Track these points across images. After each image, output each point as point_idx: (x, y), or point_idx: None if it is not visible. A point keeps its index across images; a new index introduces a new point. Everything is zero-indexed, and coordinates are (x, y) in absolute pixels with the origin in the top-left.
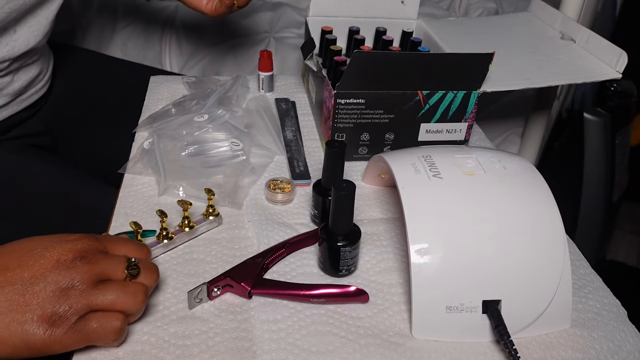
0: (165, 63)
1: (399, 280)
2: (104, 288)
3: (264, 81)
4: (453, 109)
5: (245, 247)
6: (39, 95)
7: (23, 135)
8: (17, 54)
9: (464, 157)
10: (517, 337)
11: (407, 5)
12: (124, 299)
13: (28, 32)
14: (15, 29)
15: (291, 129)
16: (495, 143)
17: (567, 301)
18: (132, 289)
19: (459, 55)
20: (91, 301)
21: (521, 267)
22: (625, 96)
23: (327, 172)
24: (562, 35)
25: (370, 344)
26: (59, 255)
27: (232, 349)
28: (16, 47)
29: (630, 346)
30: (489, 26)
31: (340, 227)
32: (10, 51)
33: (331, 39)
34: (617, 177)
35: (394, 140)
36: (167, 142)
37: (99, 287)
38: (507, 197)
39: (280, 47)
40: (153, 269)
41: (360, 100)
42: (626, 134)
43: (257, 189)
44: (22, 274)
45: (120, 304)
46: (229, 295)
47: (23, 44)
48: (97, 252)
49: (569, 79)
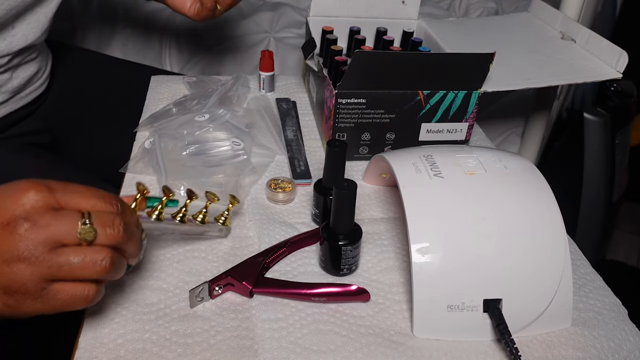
0: (165, 63)
1: (400, 280)
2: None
3: (265, 81)
4: (454, 108)
5: (247, 246)
6: (37, 93)
7: (22, 133)
8: (15, 50)
9: (464, 157)
10: (518, 336)
11: (408, 6)
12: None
13: (27, 28)
14: (13, 25)
15: (292, 128)
16: (495, 143)
17: (567, 300)
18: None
19: (460, 55)
20: (46, 273)
21: (522, 266)
22: (625, 96)
23: (328, 172)
24: (563, 36)
25: (371, 342)
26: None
27: (234, 347)
28: (14, 43)
29: (630, 345)
30: (490, 26)
31: (342, 226)
32: (8, 46)
33: (332, 39)
34: (617, 177)
35: (394, 140)
36: (168, 141)
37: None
38: (508, 197)
39: (281, 47)
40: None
41: (361, 100)
42: (626, 134)
43: (258, 188)
44: None
45: (80, 271)
46: (231, 294)
47: (21, 39)
48: (46, 211)
49: (569, 79)
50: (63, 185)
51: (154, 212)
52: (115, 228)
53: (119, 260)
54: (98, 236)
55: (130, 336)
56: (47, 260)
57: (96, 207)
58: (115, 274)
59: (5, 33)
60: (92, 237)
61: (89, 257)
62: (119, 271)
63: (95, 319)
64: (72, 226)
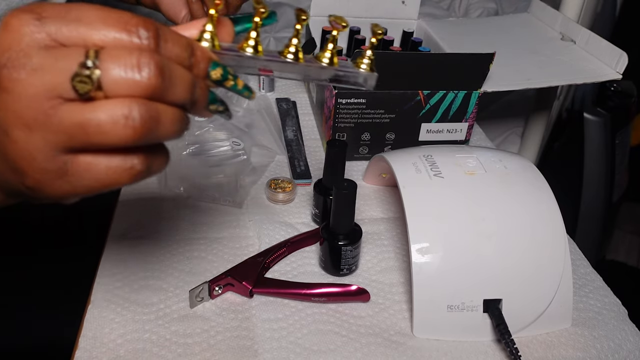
0: None
1: (400, 280)
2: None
3: (265, 81)
4: (454, 109)
5: (247, 246)
6: None
7: None
8: None
9: (464, 157)
10: (518, 336)
11: (408, 6)
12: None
13: None
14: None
15: (292, 128)
16: (495, 143)
17: (567, 300)
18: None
19: (460, 56)
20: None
21: (522, 266)
22: (625, 96)
23: (328, 172)
24: (563, 36)
25: (371, 342)
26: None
27: (234, 347)
28: None
29: (630, 345)
30: (489, 27)
31: (342, 226)
32: None
33: None
34: (617, 177)
35: (394, 140)
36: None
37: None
38: (508, 197)
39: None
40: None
41: (361, 100)
42: (626, 134)
43: (258, 188)
44: None
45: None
46: (230, 294)
47: None
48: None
49: (569, 80)
50: (61, 9)
51: (247, 41)
52: (142, 69)
53: (159, 114)
54: (110, 86)
55: (130, 336)
56: (48, 121)
57: (113, 41)
58: (157, 133)
59: None
60: (86, 88)
61: (105, 113)
62: (165, 130)
63: (95, 319)
64: (68, 70)
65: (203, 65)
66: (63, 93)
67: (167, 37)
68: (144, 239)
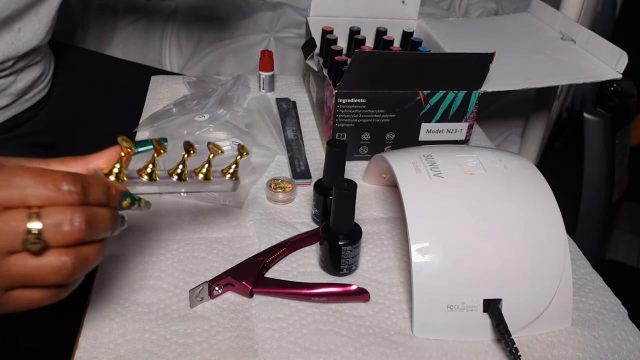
0: (165, 63)
1: (399, 279)
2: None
3: (265, 81)
4: (454, 108)
5: (247, 246)
6: (41, 96)
7: (25, 134)
8: (20, 53)
9: (464, 157)
10: (518, 336)
11: (408, 6)
12: (41, 275)
13: (32, 30)
14: (19, 28)
15: (292, 128)
16: (495, 143)
17: (567, 300)
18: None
19: (460, 55)
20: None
21: (522, 266)
22: (625, 96)
23: (328, 172)
24: (563, 36)
25: (371, 342)
26: None
27: (234, 347)
28: (20, 47)
29: (630, 345)
30: (490, 26)
31: (342, 226)
32: (15, 50)
33: (332, 39)
34: (617, 177)
35: (394, 140)
36: (168, 141)
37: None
38: (508, 197)
39: (281, 47)
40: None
41: (361, 100)
42: (626, 134)
43: (258, 188)
44: None
45: (39, 279)
46: (230, 294)
47: (26, 43)
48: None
49: (569, 79)
50: (6, 174)
51: (145, 170)
52: (74, 225)
53: (87, 258)
54: (51, 240)
55: (130, 336)
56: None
57: (49, 199)
58: (83, 271)
59: (12, 36)
60: (37, 248)
61: (45, 265)
62: (89, 267)
63: (95, 319)
64: (18, 235)
65: (117, 198)
66: (13, 250)
67: (90, 187)
68: (144, 238)
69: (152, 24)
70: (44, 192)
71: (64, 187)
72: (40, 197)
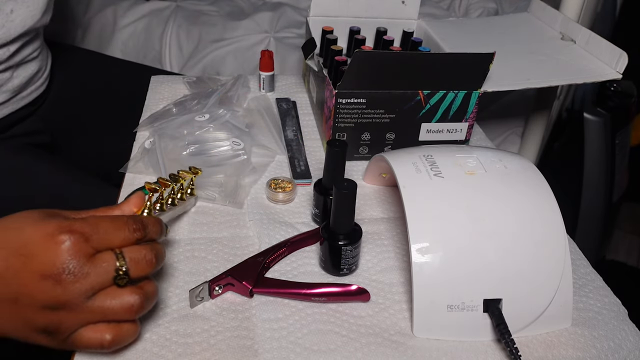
0: (165, 63)
1: (400, 279)
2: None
3: (265, 81)
4: (454, 108)
5: (247, 246)
6: (38, 93)
7: (23, 133)
8: (13, 36)
9: (464, 157)
10: (518, 336)
11: (408, 6)
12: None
13: (25, 12)
14: (12, 9)
15: (292, 128)
16: (495, 143)
17: (567, 300)
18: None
19: (460, 55)
20: (83, 318)
21: (522, 266)
22: (625, 96)
23: (328, 172)
24: (563, 36)
25: (371, 342)
26: (45, 269)
27: (234, 347)
28: (12, 29)
29: (630, 345)
30: (490, 26)
31: (342, 226)
32: (7, 33)
33: (332, 39)
34: (617, 177)
35: (394, 139)
36: (168, 141)
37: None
38: (508, 197)
39: (281, 47)
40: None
41: (361, 100)
42: (626, 134)
43: (258, 188)
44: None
45: (112, 315)
46: (231, 294)
47: (20, 25)
48: (85, 260)
49: (569, 79)
50: (92, 226)
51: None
52: (147, 259)
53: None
54: (133, 275)
55: None
56: (86, 307)
57: (126, 240)
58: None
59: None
60: (124, 282)
61: (124, 301)
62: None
63: None
64: (109, 274)
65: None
66: (103, 287)
67: (149, 225)
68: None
69: (152, 24)
70: (121, 235)
71: (133, 227)
72: (120, 239)
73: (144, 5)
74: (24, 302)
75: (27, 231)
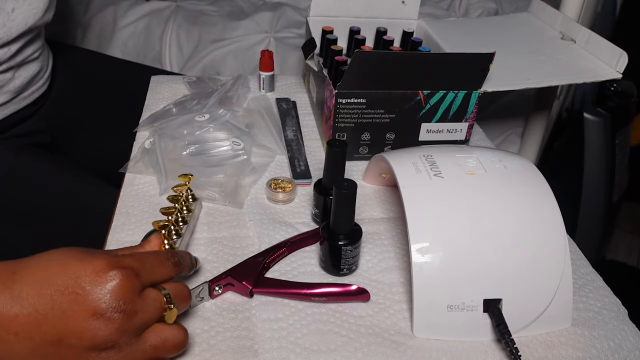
0: (165, 63)
1: (400, 279)
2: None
3: (265, 81)
4: (454, 108)
5: (247, 246)
6: (39, 93)
7: (24, 133)
8: (15, 35)
9: (464, 157)
10: (518, 336)
11: (408, 6)
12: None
13: (27, 10)
14: (13, 8)
15: (292, 128)
16: (495, 143)
17: (567, 300)
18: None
19: (460, 55)
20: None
21: (522, 266)
22: (625, 96)
23: (328, 172)
24: (563, 36)
25: (371, 342)
26: (96, 306)
27: (234, 347)
28: (14, 28)
29: (630, 345)
30: (490, 26)
31: (342, 226)
32: (8, 32)
33: (332, 39)
34: (617, 177)
35: (394, 139)
36: (168, 141)
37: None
38: (508, 197)
39: (281, 47)
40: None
41: (361, 100)
42: (626, 134)
43: (258, 188)
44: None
45: (162, 353)
46: (231, 294)
47: (21, 23)
48: (136, 297)
49: (569, 79)
50: (140, 262)
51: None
52: (184, 293)
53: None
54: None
55: None
56: (135, 345)
57: (167, 275)
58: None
59: (4, 18)
60: (173, 316)
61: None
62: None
63: None
64: (159, 310)
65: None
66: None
67: (182, 258)
68: None
69: (152, 24)
70: (164, 270)
71: (172, 262)
72: (163, 274)
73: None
74: (69, 344)
75: (72, 268)
